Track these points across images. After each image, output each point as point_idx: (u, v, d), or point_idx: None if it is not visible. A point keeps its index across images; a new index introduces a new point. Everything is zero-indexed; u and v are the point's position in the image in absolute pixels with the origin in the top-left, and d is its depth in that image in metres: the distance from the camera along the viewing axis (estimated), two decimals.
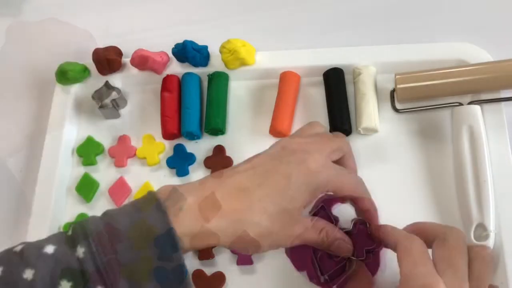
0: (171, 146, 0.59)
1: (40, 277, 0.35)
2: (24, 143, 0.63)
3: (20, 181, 0.61)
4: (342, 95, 0.57)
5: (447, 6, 0.62)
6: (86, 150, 0.60)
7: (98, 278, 0.35)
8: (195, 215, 0.39)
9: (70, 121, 0.61)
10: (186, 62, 0.61)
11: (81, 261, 0.35)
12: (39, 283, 0.35)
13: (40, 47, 0.70)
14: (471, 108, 0.52)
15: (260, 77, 0.60)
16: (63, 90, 0.62)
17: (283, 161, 0.43)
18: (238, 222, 0.40)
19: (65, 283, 0.35)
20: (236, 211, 0.40)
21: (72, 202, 0.58)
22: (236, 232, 0.40)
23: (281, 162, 0.43)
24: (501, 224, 0.48)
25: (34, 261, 0.35)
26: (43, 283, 0.35)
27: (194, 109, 0.59)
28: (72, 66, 0.61)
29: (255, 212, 0.40)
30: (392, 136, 0.55)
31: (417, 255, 0.39)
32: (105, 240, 0.36)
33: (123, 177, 0.58)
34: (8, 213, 0.59)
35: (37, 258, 0.36)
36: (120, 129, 0.61)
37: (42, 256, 0.36)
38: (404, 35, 0.60)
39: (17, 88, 0.68)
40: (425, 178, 0.53)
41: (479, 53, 0.55)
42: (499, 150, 0.51)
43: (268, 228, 0.41)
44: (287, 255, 0.51)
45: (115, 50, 0.62)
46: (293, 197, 0.42)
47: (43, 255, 0.36)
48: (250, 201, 0.41)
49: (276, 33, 0.64)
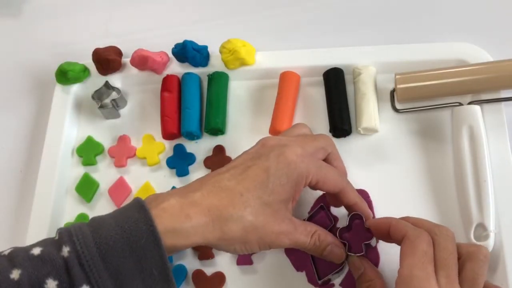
0: (171, 146, 0.59)
1: (26, 277, 0.35)
2: (24, 143, 0.63)
3: (20, 181, 0.61)
4: (342, 95, 0.56)
5: (447, 6, 0.62)
6: (86, 150, 0.60)
7: (83, 276, 0.35)
8: (177, 213, 0.39)
9: (70, 121, 0.61)
10: (186, 62, 0.61)
11: (66, 260, 0.36)
12: (25, 282, 0.35)
13: (40, 47, 0.70)
14: (471, 108, 0.52)
15: (260, 77, 0.60)
16: (63, 90, 0.62)
17: (262, 157, 0.43)
18: (220, 217, 0.40)
19: (51, 281, 0.35)
20: (218, 207, 0.40)
21: (72, 202, 0.58)
22: (219, 228, 0.40)
23: (260, 158, 0.43)
24: (501, 224, 0.48)
25: (21, 262, 0.36)
26: (30, 283, 0.35)
27: (194, 109, 0.59)
28: (72, 66, 0.61)
29: (237, 207, 0.41)
30: (392, 136, 0.55)
31: (419, 255, 0.39)
32: (89, 240, 0.36)
33: (123, 177, 0.58)
34: (8, 213, 0.59)
35: (24, 259, 0.36)
36: (120, 129, 0.61)
37: (29, 257, 0.36)
38: (404, 35, 0.60)
39: (17, 88, 0.68)
40: (425, 178, 0.53)
41: (479, 53, 0.55)
42: (499, 150, 0.51)
43: (252, 222, 0.41)
44: (287, 255, 0.51)
45: (115, 50, 0.62)
46: (273, 189, 0.42)
47: (30, 256, 0.36)
48: (231, 197, 0.41)
49: (276, 33, 0.64)
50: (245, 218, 0.41)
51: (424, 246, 0.39)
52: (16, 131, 0.64)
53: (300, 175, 0.43)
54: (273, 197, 0.42)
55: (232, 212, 0.41)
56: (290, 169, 0.42)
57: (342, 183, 0.46)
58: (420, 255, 0.39)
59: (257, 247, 0.42)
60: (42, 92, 0.66)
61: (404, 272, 0.39)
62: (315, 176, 0.44)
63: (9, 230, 0.58)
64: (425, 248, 0.39)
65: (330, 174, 0.45)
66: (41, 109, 0.64)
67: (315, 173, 0.44)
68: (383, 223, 0.44)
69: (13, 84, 0.68)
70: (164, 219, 0.39)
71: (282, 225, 0.43)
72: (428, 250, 0.40)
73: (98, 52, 0.61)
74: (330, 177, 0.45)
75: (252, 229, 0.41)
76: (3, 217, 0.59)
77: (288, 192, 0.43)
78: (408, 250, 0.40)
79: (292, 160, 0.42)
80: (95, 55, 0.61)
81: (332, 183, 0.45)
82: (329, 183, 0.45)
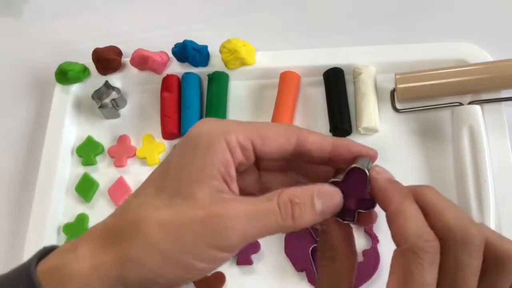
0: (171, 146, 0.59)
1: None
2: (24, 143, 0.63)
3: (20, 181, 0.61)
4: (342, 95, 0.56)
5: (447, 6, 0.62)
6: (85, 150, 0.60)
7: None
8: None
9: (69, 121, 0.61)
10: (186, 62, 0.61)
11: None
12: None
13: (40, 47, 0.70)
14: (471, 108, 0.52)
15: (260, 77, 0.60)
16: (63, 90, 0.62)
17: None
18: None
19: None
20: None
21: (71, 202, 0.58)
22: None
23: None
24: (501, 224, 0.48)
25: None
26: None
27: (194, 109, 0.58)
28: (72, 66, 0.61)
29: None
30: (392, 136, 0.55)
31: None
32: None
33: (123, 177, 0.58)
34: (8, 213, 0.59)
35: None
36: (120, 129, 0.61)
37: None
38: (404, 35, 0.60)
39: (16, 88, 0.67)
40: (425, 178, 0.53)
41: (479, 53, 0.55)
42: (499, 150, 0.51)
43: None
44: (287, 255, 0.51)
45: (114, 50, 0.62)
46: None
47: None
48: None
49: (276, 33, 0.64)
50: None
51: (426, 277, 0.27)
52: (16, 131, 0.64)
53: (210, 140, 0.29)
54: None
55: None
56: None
57: (310, 136, 0.32)
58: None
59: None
60: (42, 92, 0.66)
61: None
62: (243, 134, 0.29)
63: (9, 230, 0.58)
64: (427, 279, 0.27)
65: (274, 130, 0.31)
66: (41, 109, 0.64)
67: (243, 131, 0.29)
68: (393, 198, 0.29)
69: (13, 84, 0.68)
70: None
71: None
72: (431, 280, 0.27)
73: (98, 52, 0.61)
74: (274, 133, 0.30)
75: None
76: (3, 217, 0.59)
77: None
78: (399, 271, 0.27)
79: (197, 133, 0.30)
80: (95, 55, 0.61)
81: (283, 140, 0.31)
82: (276, 140, 0.30)
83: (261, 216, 0.28)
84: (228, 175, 0.29)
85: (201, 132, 0.29)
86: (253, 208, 0.28)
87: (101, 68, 0.61)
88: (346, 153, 0.32)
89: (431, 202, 0.29)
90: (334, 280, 0.30)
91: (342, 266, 0.30)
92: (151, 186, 0.30)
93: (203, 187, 0.28)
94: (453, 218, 0.28)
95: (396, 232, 0.28)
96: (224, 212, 0.27)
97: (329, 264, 0.30)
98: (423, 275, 0.26)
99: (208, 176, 0.28)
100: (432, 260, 0.27)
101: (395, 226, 0.28)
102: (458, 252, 0.27)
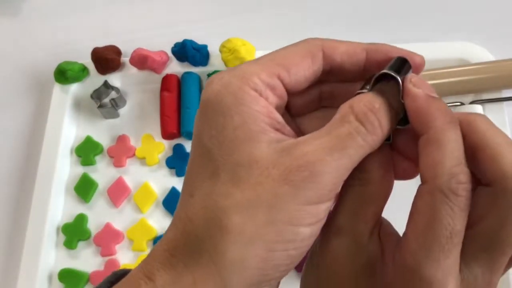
0: (170, 146, 0.59)
1: None
2: (23, 142, 0.63)
3: (19, 181, 0.61)
4: None
5: (448, 5, 0.62)
6: (85, 150, 0.60)
7: None
8: None
9: (69, 121, 0.61)
10: (186, 62, 0.61)
11: None
12: None
13: (39, 46, 0.70)
14: (472, 108, 0.52)
15: None
16: (62, 89, 0.62)
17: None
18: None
19: None
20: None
21: (70, 202, 0.58)
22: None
23: None
24: None
25: None
26: None
27: (194, 109, 0.58)
28: (71, 65, 0.60)
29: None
30: None
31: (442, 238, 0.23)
32: None
33: (122, 177, 0.58)
34: (7, 213, 0.59)
35: None
36: (119, 129, 0.61)
37: None
38: (404, 35, 0.60)
39: (15, 87, 0.67)
40: None
41: (480, 52, 0.55)
42: None
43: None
44: None
45: (114, 49, 0.62)
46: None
47: None
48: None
49: (276, 33, 0.64)
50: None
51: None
52: (14, 130, 0.64)
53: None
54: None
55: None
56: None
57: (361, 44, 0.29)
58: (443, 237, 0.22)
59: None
60: (40, 92, 0.66)
61: (407, 260, 0.23)
62: (265, 72, 0.25)
63: (8, 230, 0.58)
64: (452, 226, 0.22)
65: (294, 53, 0.28)
66: (40, 108, 0.64)
67: (264, 69, 0.25)
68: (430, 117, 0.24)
69: (11, 83, 0.68)
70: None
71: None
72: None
73: (97, 51, 0.61)
74: (296, 57, 0.27)
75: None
76: (2, 217, 0.59)
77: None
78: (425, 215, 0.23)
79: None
80: (94, 55, 0.61)
81: (309, 60, 0.28)
82: (301, 64, 0.27)
83: (345, 143, 0.23)
84: (276, 122, 0.25)
85: (219, 90, 0.24)
86: (330, 138, 0.23)
87: (100, 68, 0.61)
88: (384, 59, 0.27)
89: (485, 137, 0.24)
90: (360, 204, 0.25)
91: (373, 192, 0.26)
92: (202, 177, 0.24)
93: (259, 146, 0.23)
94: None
95: (427, 164, 0.23)
96: (300, 158, 0.22)
97: (359, 185, 0.25)
98: (454, 222, 0.22)
99: (257, 132, 0.23)
100: (464, 206, 0.23)
101: (429, 157, 0.23)
102: (510, 207, 0.22)
